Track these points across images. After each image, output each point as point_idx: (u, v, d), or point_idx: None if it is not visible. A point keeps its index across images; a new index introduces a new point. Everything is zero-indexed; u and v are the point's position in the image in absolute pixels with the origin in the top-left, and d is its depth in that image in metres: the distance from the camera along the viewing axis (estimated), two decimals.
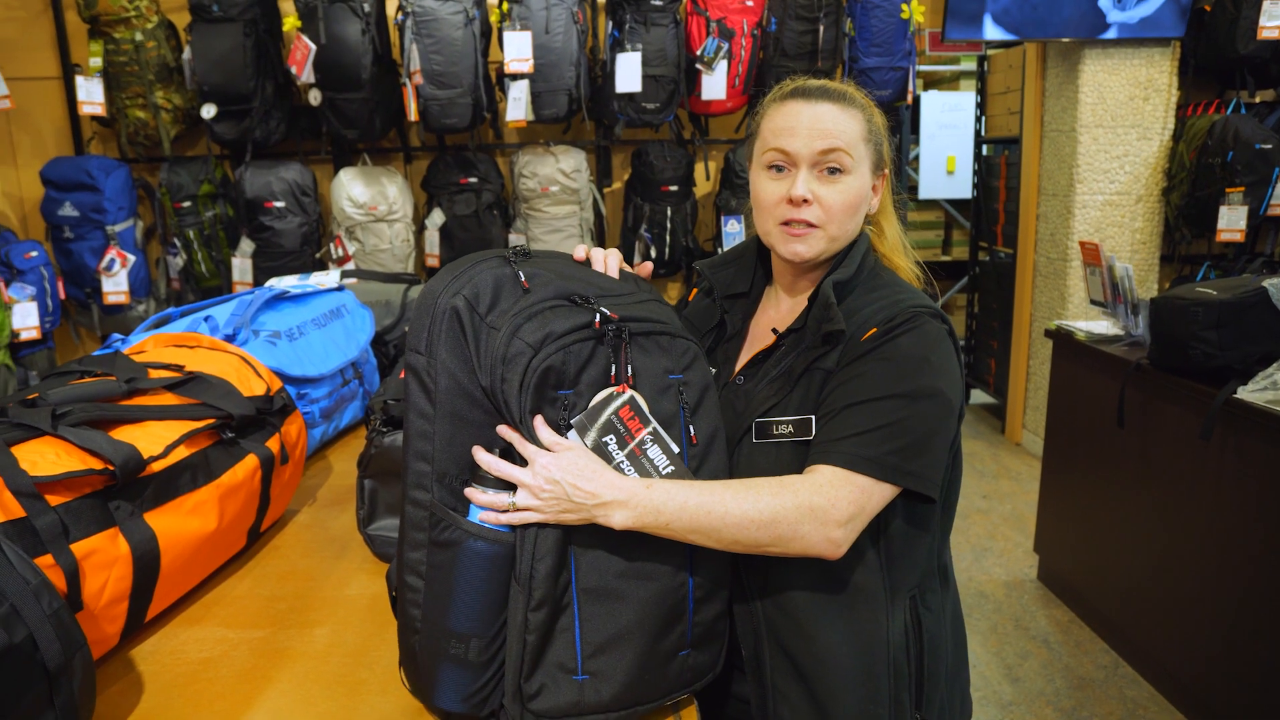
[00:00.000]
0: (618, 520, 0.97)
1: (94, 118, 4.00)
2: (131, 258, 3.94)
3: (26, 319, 3.53)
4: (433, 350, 0.97)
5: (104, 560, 1.07)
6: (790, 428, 1.13)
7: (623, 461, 0.99)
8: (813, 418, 1.12)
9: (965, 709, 1.28)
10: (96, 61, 3.83)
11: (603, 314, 0.98)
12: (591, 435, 0.98)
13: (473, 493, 0.98)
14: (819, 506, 1.02)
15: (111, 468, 1.09)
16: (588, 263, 1.16)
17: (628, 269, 1.18)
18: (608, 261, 1.15)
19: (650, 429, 1.00)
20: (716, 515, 1.00)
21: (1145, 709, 2.62)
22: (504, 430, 0.99)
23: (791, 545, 1.03)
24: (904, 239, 1.30)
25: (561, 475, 0.95)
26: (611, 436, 0.99)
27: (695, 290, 1.40)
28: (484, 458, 0.98)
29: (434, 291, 1.00)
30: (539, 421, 0.97)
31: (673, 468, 1.01)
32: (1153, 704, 2.64)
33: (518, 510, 0.97)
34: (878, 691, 1.14)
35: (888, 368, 1.09)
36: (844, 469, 1.05)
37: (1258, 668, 2.25)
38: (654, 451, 1.00)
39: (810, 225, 1.16)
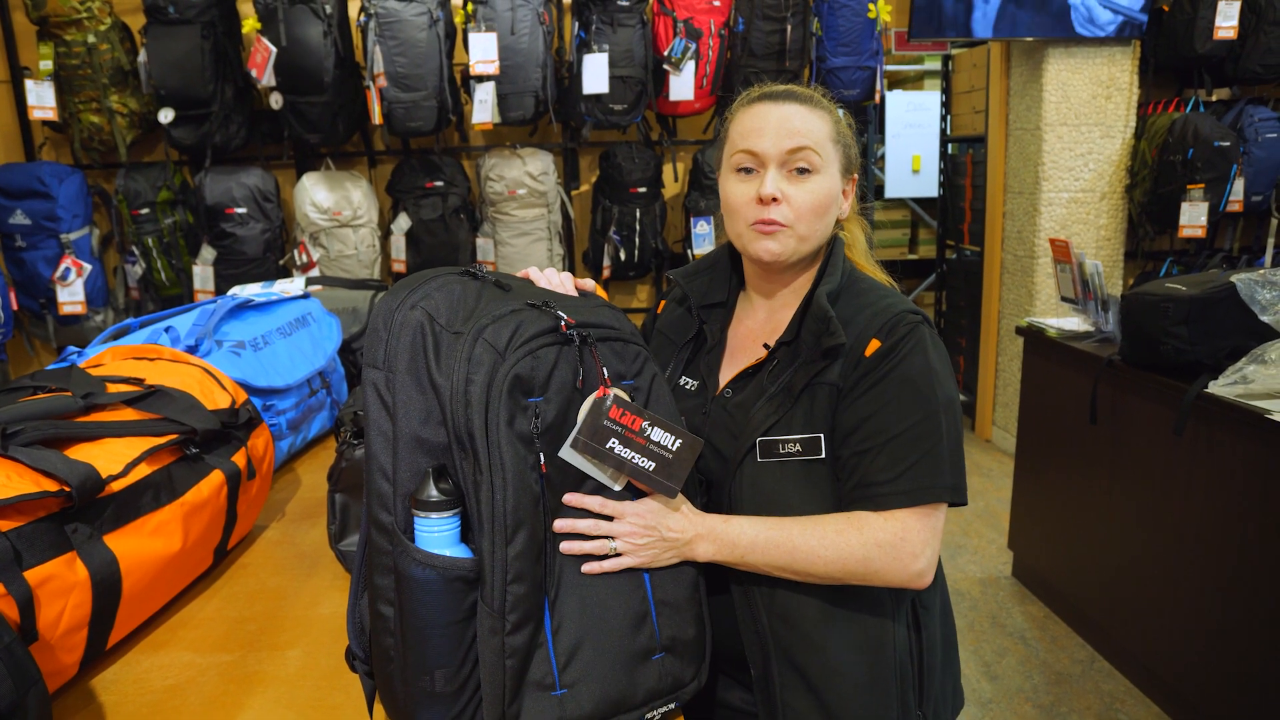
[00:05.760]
0: (702, 552, 1.04)
1: (45, 123, 3.89)
2: (88, 267, 3.83)
3: None
4: (391, 365, 0.94)
5: (61, 587, 1.01)
6: (799, 446, 1.12)
7: (634, 457, 1.00)
8: (821, 436, 1.12)
9: (958, 699, 1.30)
10: (47, 64, 3.71)
11: (564, 318, 0.97)
12: (592, 445, 0.97)
13: (571, 546, 0.98)
14: (887, 542, 1.07)
15: (68, 489, 1.03)
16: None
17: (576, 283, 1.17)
18: (550, 278, 1.12)
19: (645, 417, 1.00)
20: (786, 549, 1.06)
21: (1122, 702, 2.63)
22: (573, 498, 0.99)
23: (872, 580, 1.09)
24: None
25: (655, 520, 1.00)
26: (614, 440, 0.98)
27: (664, 301, 1.39)
28: (574, 499, 0.99)
29: (391, 305, 0.98)
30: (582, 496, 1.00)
31: (680, 441, 1.01)
32: (1129, 697, 2.65)
33: (619, 556, 0.99)
34: (886, 696, 1.15)
35: (909, 390, 1.10)
36: (909, 506, 1.09)
37: (1232, 660, 2.26)
38: (657, 434, 1.01)
39: (780, 225, 1.16)
